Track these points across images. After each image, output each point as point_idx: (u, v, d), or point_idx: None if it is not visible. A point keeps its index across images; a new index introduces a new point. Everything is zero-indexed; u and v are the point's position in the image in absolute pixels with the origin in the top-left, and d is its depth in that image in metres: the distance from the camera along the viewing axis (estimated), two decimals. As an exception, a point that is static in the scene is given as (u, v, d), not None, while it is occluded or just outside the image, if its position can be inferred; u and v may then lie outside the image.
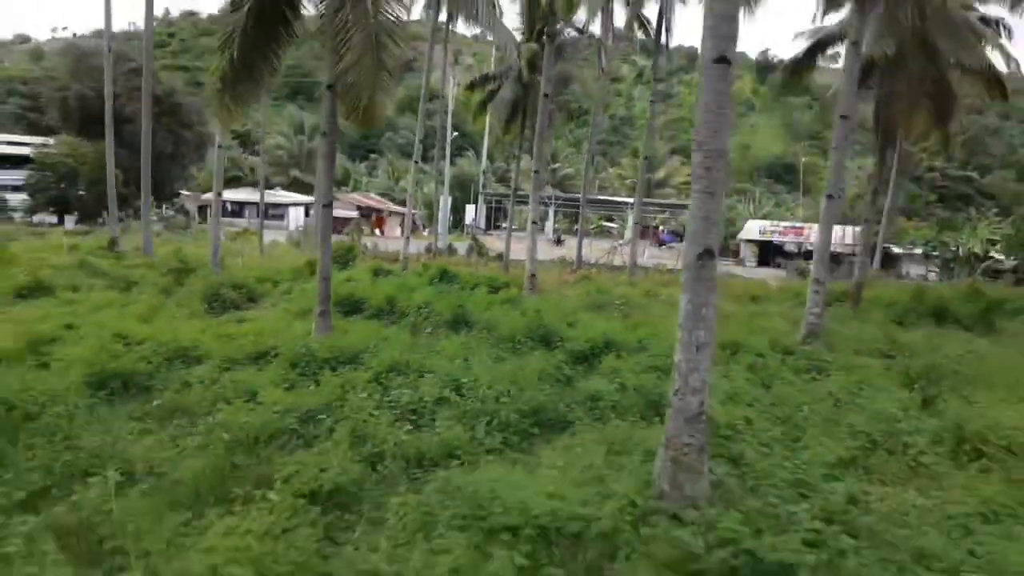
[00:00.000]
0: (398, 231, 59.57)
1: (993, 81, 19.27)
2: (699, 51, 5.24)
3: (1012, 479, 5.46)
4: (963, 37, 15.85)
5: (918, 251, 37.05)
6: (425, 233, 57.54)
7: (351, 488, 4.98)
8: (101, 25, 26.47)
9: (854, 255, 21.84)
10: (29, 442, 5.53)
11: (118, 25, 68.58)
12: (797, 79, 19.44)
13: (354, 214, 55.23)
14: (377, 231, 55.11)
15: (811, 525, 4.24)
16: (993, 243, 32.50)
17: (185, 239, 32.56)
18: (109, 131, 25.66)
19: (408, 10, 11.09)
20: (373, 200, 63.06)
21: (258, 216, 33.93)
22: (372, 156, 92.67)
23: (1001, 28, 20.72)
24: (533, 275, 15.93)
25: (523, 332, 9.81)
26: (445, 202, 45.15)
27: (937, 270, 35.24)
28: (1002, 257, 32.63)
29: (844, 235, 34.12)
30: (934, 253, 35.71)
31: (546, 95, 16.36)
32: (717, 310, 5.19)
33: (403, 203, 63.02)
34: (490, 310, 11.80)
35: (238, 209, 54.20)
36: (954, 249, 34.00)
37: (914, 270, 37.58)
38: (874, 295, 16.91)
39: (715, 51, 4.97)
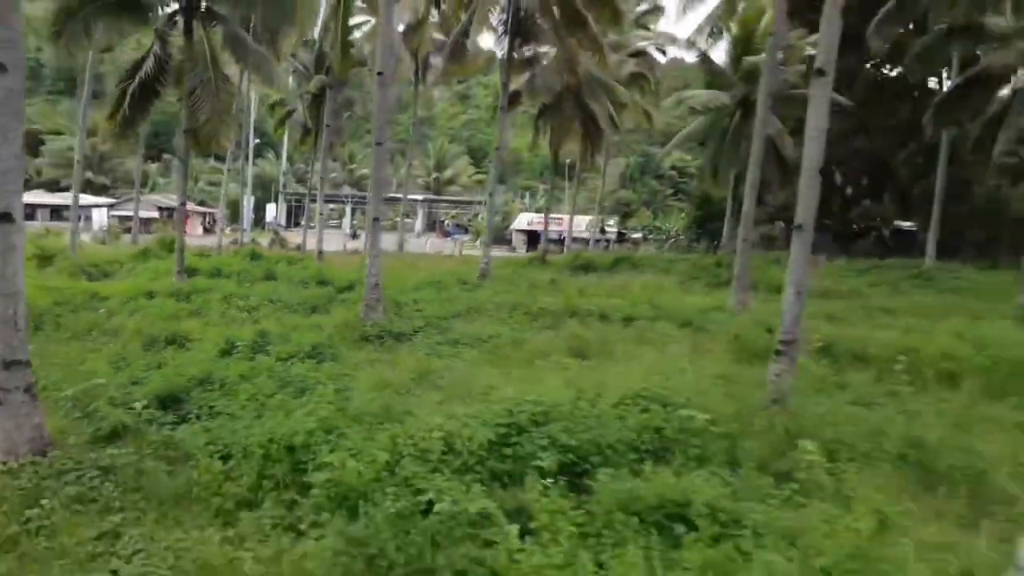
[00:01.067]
0: (199, 229, 62.34)
1: (645, 114, 28.32)
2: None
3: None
4: (610, 89, 24.10)
5: (638, 234, 48.40)
6: (227, 231, 60.75)
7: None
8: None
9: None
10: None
11: None
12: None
13: (155, 214, 57.42)
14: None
15: (418, 325, 11.16)
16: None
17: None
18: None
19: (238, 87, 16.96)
20: (173, 201, 64.78)
21: (66, 218, 36.76)
22: (166, 157, 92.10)
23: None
24: (321, 252, 22.36)
25: (310, 278, 16.27)
26: (249, 201, 49.41)
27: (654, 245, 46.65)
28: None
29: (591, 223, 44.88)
30: (650, 235, 47.00)
31: (328, 125, 22.66)
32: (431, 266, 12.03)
33: (202, 203, 65.78)
34: (289, 270, 18.10)
35: (30, 212, 54.31)
36: (664, 230, 45.24)
37: (645, 247, 48.75)
38: (561, 259, 25.22)
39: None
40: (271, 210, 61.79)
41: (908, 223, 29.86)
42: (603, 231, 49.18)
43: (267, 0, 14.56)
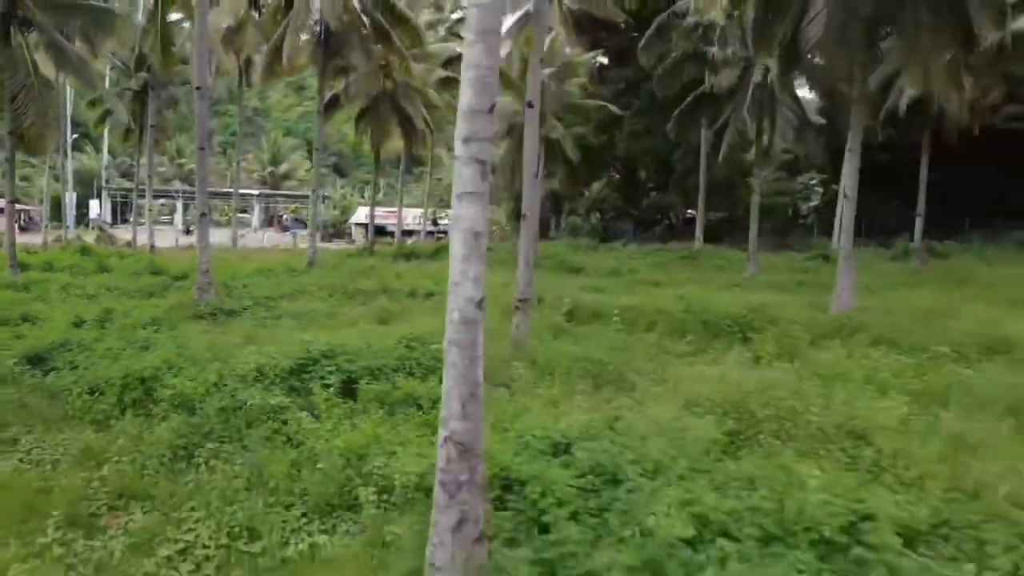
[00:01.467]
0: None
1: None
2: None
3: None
4: (423, 93, 26.39)
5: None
6: (48, 228, 57.45)
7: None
8: None
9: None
10: None
11: None
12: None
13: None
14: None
15: (247, 304, 13.03)
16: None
17: None
18: None
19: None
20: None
21: None
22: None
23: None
24: (153, 246, 23.25)
25: (143, 269, 17.49)
26: (71, 198, 47.52)
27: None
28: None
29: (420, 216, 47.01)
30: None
31: (152, 125, 23.44)
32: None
33: (15, 200, 61.56)
34: (122, 263, 19.10)
35: None
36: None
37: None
38: (388, 250, 27.43)
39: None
40: (95, 207, 59.00)
41: (691, 211, 34.84)
42: (435, 223, 51.61)
43: (86, 13, 15.60)
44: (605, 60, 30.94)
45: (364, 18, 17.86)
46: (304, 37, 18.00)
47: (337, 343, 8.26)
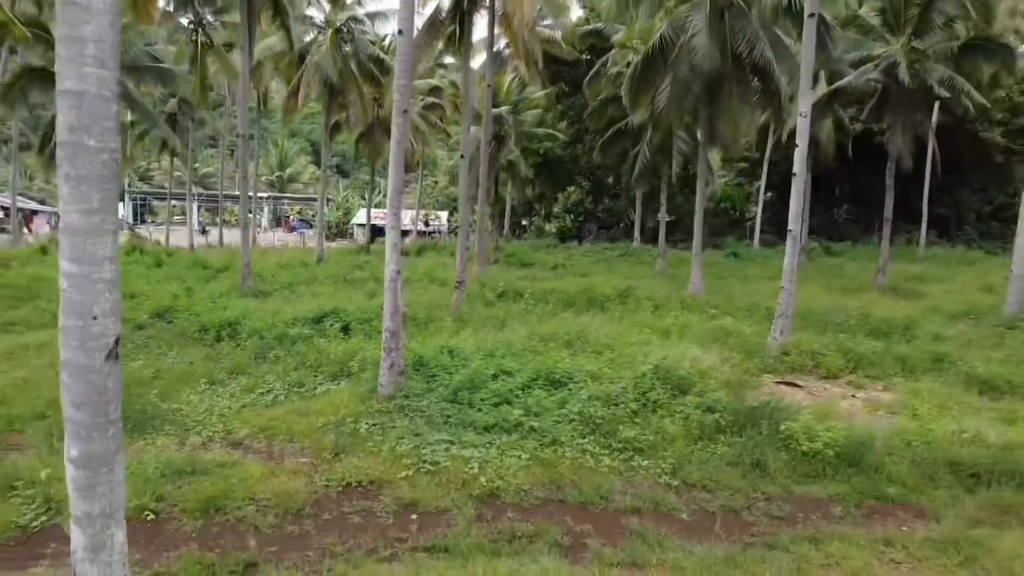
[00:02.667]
0: (46, 228, 63.99)
1: (447, 133, 36.32)
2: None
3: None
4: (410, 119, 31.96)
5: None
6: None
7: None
8: None
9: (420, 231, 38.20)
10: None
11: None
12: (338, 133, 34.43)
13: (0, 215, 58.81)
14: (25, 230, 59.38)
15: (276, 287, 18.46)
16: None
17: None
18: None
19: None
20: (9, 200, 65.90)
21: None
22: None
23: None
24: (192, 245, 28.61)
25: (193, 264, 22.90)
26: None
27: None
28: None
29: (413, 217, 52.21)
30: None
31: (187, 145, 28.84)
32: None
33: (43, 202, 67.15)
34: (172, 260, 24.50)
35: None
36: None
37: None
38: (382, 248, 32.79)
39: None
40: (120, 209, 64.24)
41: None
42: (427, 224, 56.85)
43: (154, 72, 20.88)
44: (565, 87, 36.26)
45: (358, 70, 23.14)
46: (314, 83, 23.28)
47: (339, 306, 13.68)
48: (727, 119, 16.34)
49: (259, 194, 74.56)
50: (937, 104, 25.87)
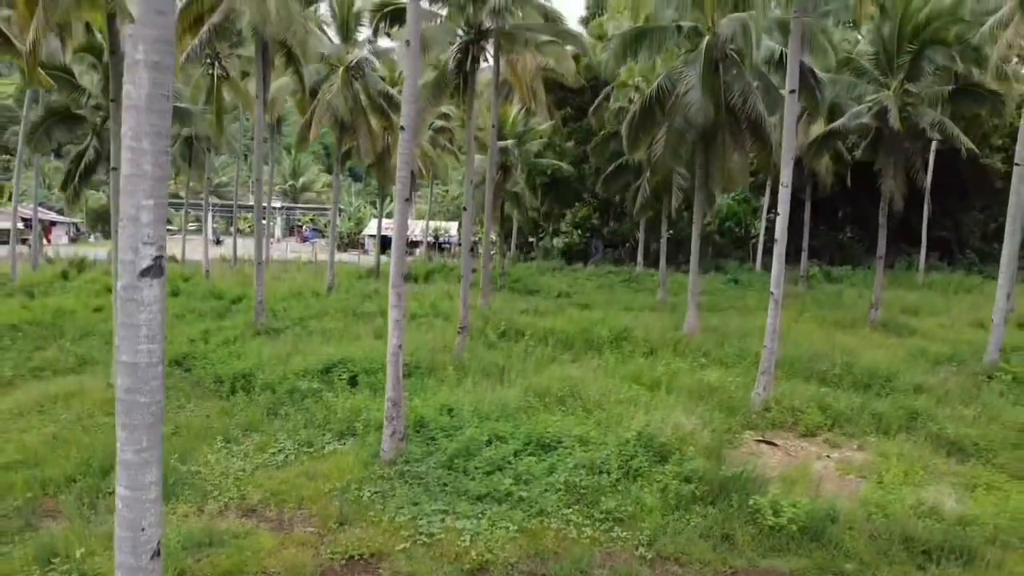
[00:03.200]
0: (64, 239, 65.41)
1: (455, 156, 37.05)
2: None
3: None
4: (417, 146, 32.76)
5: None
6: (92, 240, 64.37)
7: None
8: None
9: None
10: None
11: None
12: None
13: (21, 226, 60.07)
14: (45, 240, 60.73)
15: (288, 324, 19.26)
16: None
17: None
18: None
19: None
20: (30, 211, 67.36)
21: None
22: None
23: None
24: (208, 271, 29.57)
25: (207, 294, 23.76)
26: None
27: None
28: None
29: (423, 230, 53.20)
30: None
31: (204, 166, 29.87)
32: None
33: (60, 212, 68.48)
34: (187, 287, 25.37)
35: None
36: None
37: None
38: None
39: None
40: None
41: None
42: (436, 238, 57.61)
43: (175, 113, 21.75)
44: (571, 110, 36.93)
45: (369, 104, 23.93)
46: (325, 118, 24.10)
47: (347, 355, 14.44)
48: (721, 166, 16.98)
49: (273, 204, 75.93)
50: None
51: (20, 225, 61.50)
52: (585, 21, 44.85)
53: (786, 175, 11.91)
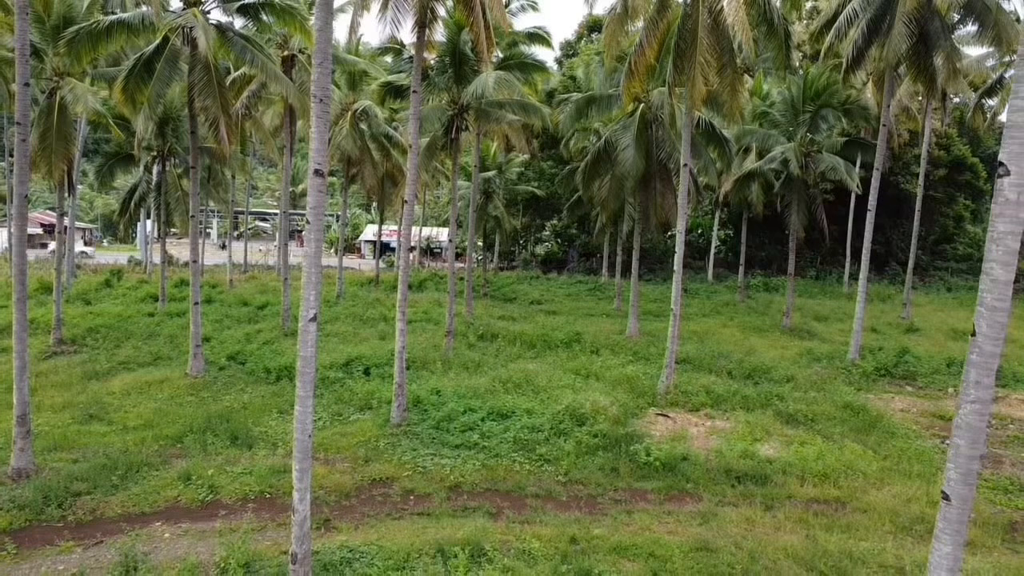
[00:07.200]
0: (81, 244, 69.56)
1: (445, 176, 41.72)
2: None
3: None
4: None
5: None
6: (105, 244, 68.63)
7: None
8: None
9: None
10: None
11: None
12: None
13: (39, 231, 64.44)
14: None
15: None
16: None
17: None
18: None
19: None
20: (46, 216, 71.78)
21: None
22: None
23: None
24: (231, 280, 34.08)
25: (235, 301, 28.33)
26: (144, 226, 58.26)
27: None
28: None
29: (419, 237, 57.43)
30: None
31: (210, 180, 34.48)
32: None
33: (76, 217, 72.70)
34: (216, 295, 29.88)
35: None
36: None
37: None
38: (389, 279, 38.16)
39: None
40: (148, 225, 69.77)
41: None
42: (429, 246, 61.96)
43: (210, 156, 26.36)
44: (546, 139, 41.78)
45: (372, 143, 28.58)
46: (334, 157, 28.68)
47: (360, 353, 19.07)
48: (655, 206, 21.68)
49: (272, 211, 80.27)
50: (859, 156, 30.91)
51: (38, 230, 66.14)
52: (559, 62, 49.86)
53: (680, 225, 16.61)
